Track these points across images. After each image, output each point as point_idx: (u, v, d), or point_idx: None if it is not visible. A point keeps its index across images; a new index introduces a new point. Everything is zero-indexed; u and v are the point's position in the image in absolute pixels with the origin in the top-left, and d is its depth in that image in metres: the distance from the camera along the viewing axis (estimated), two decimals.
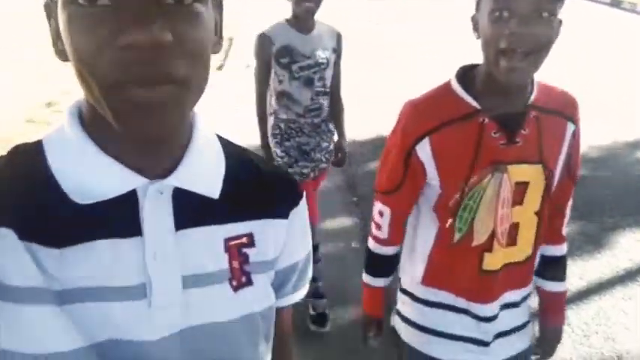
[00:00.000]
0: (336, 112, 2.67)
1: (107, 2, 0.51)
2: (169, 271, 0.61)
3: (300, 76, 2.42)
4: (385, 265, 1.45)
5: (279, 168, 0.79)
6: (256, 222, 0.70)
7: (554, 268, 1.44)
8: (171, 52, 0.52)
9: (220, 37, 0.64)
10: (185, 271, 0.63)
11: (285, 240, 0.75)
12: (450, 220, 1.26)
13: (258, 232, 0.70)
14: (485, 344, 1.35)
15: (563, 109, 1.26)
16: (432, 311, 1.37)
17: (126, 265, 0.60)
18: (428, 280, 1.35)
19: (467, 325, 1.34)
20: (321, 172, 2.70)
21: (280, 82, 2.45)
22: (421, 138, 1.23)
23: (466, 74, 1.25)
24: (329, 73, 2.51)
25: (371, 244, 1.44)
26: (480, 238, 1.25)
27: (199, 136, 0.67)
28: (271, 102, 2.55)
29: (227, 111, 5.21)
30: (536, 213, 1.27)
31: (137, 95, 0.52)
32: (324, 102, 2.55)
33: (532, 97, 1.21)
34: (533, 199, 1.25)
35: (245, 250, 0.69)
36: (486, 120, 1.20)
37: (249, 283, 0.69)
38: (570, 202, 1.40)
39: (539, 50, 1.08)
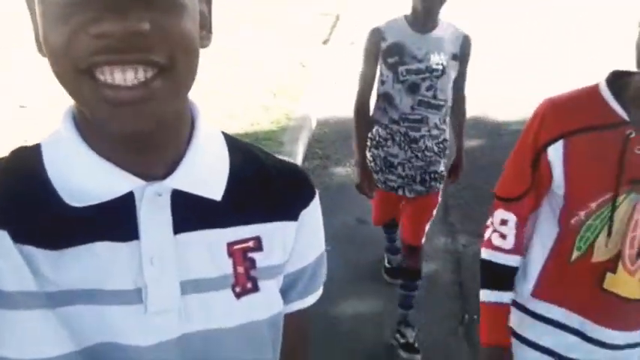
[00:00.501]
0: (455, 125, 2.40)
1: None
2: (167, 276, 0.60)
3: (405, 79, 2.13)
4: (510, 278, 1.30)
5: (289, 163, 0.74)
6: (264, 225, 0.67)
7: None
8: (151, 40, 0.51)
9: (209, 32, 0.62)
10: (184, 277, 0.61)
11: (295, 242, 0.71)
12: (569, 238, 1.18)
13: (265, 235, 0.67)
14: None
15: None
16: (544, 326, 1.28)
17: (122, 269, 0.59)
18: (538, 290, 1.28)
19: (579, 347, 1.23)
20: (421, 195, 2.35)
21: (383, 82, 2.21)
22: (556, 139, 1.15)
23: (618, 80, 1.15)
24: (443, 83, 2.16)
25: (493, 255, 1.30)
26: (600, 257, 1.16)
27: (201, 134, 0.64)
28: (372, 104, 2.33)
29: (327, 85, 5.18)
30: None
31: (110, 84, 0.51)
32: (430, 115, 2.20)
33: None
34: None
35: (251, 254, 0.66)
36: (634, 133, 1.10)
37: (255, 289, 0.67)
38: None
39: None
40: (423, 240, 2.50)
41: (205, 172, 0.64)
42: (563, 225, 1.20)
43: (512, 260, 1.28)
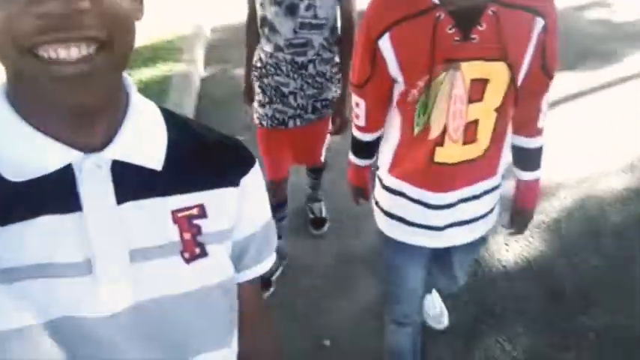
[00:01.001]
0: (342, 54, 2.16)
1: None
2: (114, 245, 0.61)
3: (281, 0, 1.97)
4: (365, 149, 1.58)
5: (226, 136, 0.76)
6: (206, 192, 0.69)
7: (525, 158, 1.52)
8: (91, 18, 0.52)
9: (141, 4, 0.63)
10: (132, 246, 0.62)
11: (239, 209, 0.73)
12: (409, 115, 1.32)
13: (209, 202, 0.69)
14: (439, 229, 1.49)
15: (531, 2, 1.23)
16: (394, 198, 1.51)
17: (69, 241, 0.59)
18: (392, 169, 1.48)
19: (421, 213, 1.48)
20: (311, 122, 2.23)
21: (261, 5, 2.03)
22: (383, 33, 1.24)
23: None
24: (325, 1, 2.00)
25: (353, 130, 1.56)
26: (434, 133, 1.31)
27: (136, 107, 0.66)
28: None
29: None
30: (497, 109, 1.29)
31: (55, 60, 0.52)
32: (315, 37, 2.05)
33: None
34: (495, 96, 1.26)
35: (196, 221, 0.68)
36: (442, 15, 1.18)
37: (204, 254, 0.68)
38: (547, 97, 1.42)
39: None
40: (323, 158, 2.52)
41: (143, 142, 0.64)
42: (402, 104, 1.33)
43: (365, 136, 1.53)
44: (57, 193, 0.59)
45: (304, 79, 2.13)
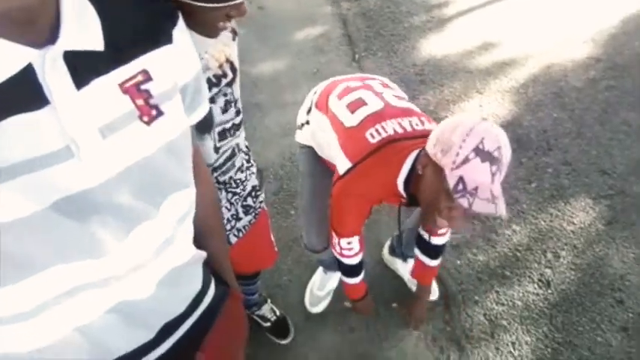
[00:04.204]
0: None
1: None
2: (85, 127, 0.65)
3: None
4: (358, 270, 1.79)
5: None
6: (145, 57, 0.72)
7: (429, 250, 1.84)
8: None
9: None
10: (99, 124, 0.67)
11: (176, 63, 0.77)
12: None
13: (150, 65, 0.72)
14: None
15: None
16: None
17: (46, 134, 0.62)
18: None
19: None
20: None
21: None
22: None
23: None
24: None
25: (344, 260, 1.74)
26: None
27: None
28: None
29: None
30: None
31: None
32: None
33: None
34: None
35: (144, 86, 0.71)
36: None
37: (160, 113, 0.73)
38: None
39: None
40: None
41: (82, 28, 0.65)
42: None
43: (358, 258, 1.73)
44: (23, 93, 0.61)
45: None
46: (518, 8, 3.92)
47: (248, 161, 1.46)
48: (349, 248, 1.66)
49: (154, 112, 0.72)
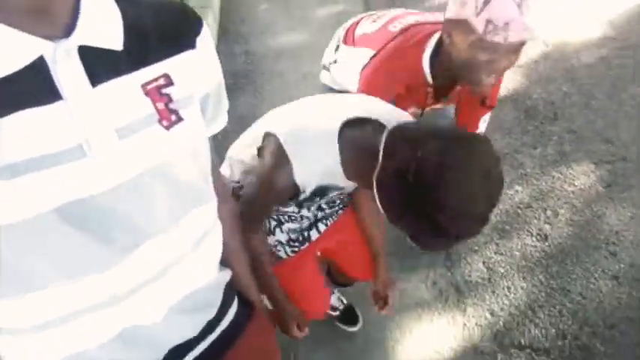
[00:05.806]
0: None
1: None
2: (100, 126, 0.62)
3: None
4: None
5: (172, 1, 0.76)
6: (168, 61, 0.70)
7: None
8: None
9: None
10: (116, 124, 0.64)
11: (198, 70, 0.75)
12: None
13: (172, 69, 0.71)
14: None
15: None
16: None
17: (57, 130, 0.60)
18: None
19: None
20: None
21: None
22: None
23: None
24: None
25: None
26: None
27: None
28: None
29: None
30: None
31: None
32: None
33: None
34: None
35: (165, 90, 0.69)
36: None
37: (180, 119, 0.71)
38: None
39: None
40: None
41: (101, 25, 0.64)
42: None
43: None
44: (35, 86, 0.59)
45: None
46: None
47: None
48: None
49: (173, 117, 0.70)
